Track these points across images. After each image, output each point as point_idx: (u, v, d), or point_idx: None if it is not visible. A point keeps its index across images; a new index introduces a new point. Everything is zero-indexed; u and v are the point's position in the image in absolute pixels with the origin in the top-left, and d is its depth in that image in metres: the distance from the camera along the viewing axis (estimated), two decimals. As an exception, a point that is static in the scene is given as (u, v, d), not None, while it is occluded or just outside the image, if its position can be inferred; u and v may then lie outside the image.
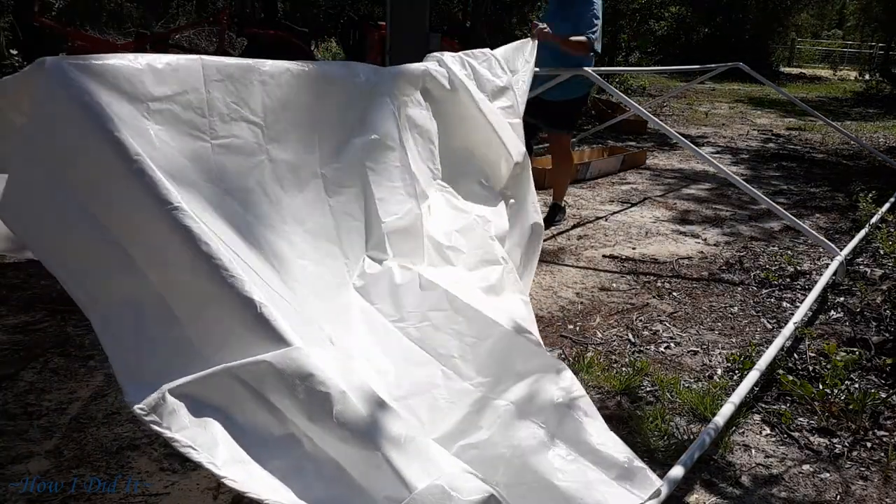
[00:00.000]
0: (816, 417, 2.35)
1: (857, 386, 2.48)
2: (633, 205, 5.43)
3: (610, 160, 6.65)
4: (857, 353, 2.63)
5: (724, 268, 3.95)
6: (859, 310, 3.24)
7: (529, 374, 1.90)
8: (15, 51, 9.83)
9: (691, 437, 2.21)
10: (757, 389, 2.49)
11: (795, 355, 2.80)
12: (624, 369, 2.65)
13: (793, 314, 3.04)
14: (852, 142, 7.85)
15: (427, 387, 1.89)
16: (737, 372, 2.65)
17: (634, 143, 8.22)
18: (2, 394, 2.32)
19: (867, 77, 18.86)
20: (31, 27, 8.80)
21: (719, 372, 2.70)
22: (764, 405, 2.44)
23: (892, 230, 4.07)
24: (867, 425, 2.29)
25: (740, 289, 3.61)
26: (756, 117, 11.30)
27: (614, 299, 3.41)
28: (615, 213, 5.16)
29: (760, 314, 3.29)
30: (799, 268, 3.87)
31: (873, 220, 4.49)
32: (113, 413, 2.24)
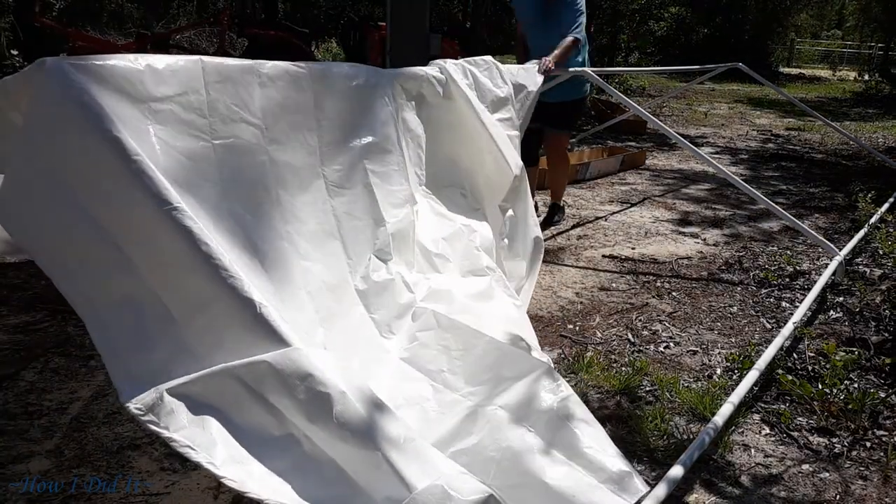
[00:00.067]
0: (816, 417, 2.35)
1: (856, 386, 2.48)
2: (633, 205, 5.43)
3: (609, 160, 6.65)
4: (857, 352, 2.63)
5: (723, 268, 3.95)
6: (858, 310, 3.25)
7: (517, 379, 1.93)
8: (15, 51, 9.84)
9: (691, 436, 2.22)
10: (756, 389, 2.49)
11: (795, 355, 2.81)
12: (623, 369, 2.66)
13: (792, 314, 3.04)
14: (851, 142, 7.85)
15: (417, 399, 1.92)
16: (736, 372, 2.66)
17: (634, 144, 8.22)
18: (2, 394, 2.33)
19: (866, 77, 18.87)
20: (31, 27, 8.81)
21: (718, 372, 2.71)
22: (763, 405, 2.44)
23: (891, 230, 4.07)
24: (866, 425, 2.29)
25: (739, 289, 3.62)
26: (755, 117, 11.31)
27: (614, 299, 3.42)
28: (615, 213, 5.16)
29: (760, 314, 3.29)
30: (798, 268, 3.87)
31: (872, 220, 4.50)
32: (113, 413, 2.24)
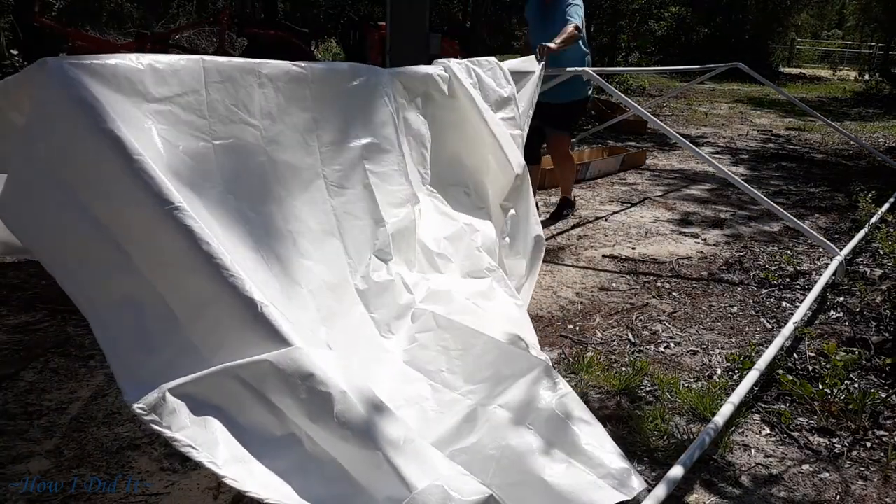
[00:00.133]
0: (816, 417, 2.35)
1: (856, 386, 2.48)
2: (633, 205, 5.43)
3: (610, 160, 6.65)
4: (857, 352, 2.63)
5: (723, 268, 3.95)
6: (859, 310, 3.25)
7: (516, 378, 1.94)
8: (15, 51, 9.85)
9: (691, 436, 2.21)
10: (756, 389, 2.49)
11: (795, 355, 2.81)
12: (624, 369, 2.65)
13: (792, 314, 3.04)
14: (852, 142, 7.85)
15: (417, 399, 1.93)
16: (736, 372, 2.66)
17: (634, 144, 8.22)
18: (2, 394, 2.33)
19: (867, 77, 18.86)
20: (31, 27, 8.81)
21: (719, 372, 2.71)
22: (763, 405, 2.44)
23: (891, 230, 4.07)
24: (867, 425, 2.29)
25: (740, 289, 3.61)
26: (756, 117, 11.31)
27: (614, 299, 3.42)
28: (615, 213, 5.16)
29: (760, 314, 3.29)
30: (798, 268, 3.87)
31: (873, 220, 4.49)
32: (113, 413, 2.24)
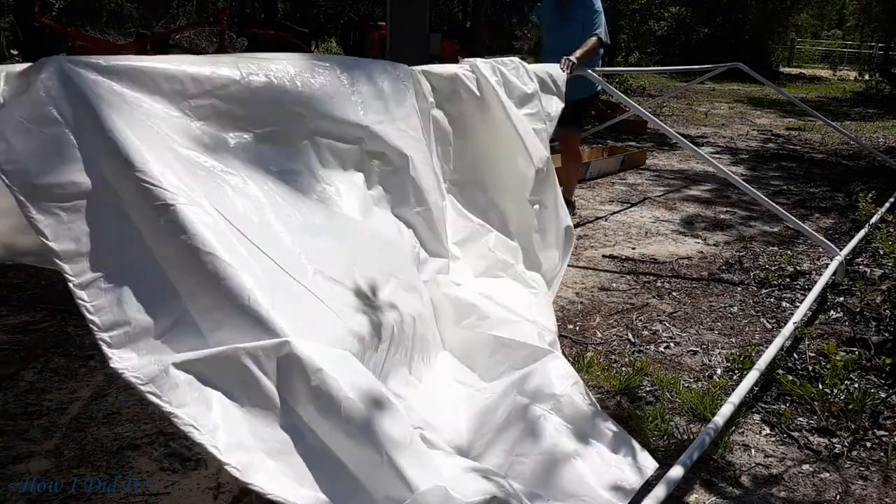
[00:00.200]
0: (816, 417, 2.35)
1: (856, 386, 2.48)
2: (633, 205, 5.43)
3: (610, 160, 6.65)
4: (857, 352, 2.63)
5: (723, 268, 3.95)
6: (859, 310, 3.25)
7: (528, 366, 2.14)
8: (15, 51, 9.84)
9: (691, 436, 2.22)
10: (756, 389, 2.49)
11: (795, 355, 2.81)
12: (624, 369, 2.66)
13: (792, 314, 3.04)
14: (852, 142, 7.85)
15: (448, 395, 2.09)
16: (736, 372, 2.65)
17: (634, 144, 8.22)
18: (2, 394, 2.33)
19: (867, 77, 18.84)
20: (31, 27, 8.81)
21: (719, 372, 2.71)
22: (764, 405, 2.44)
23: (891, 230, 4.07)
24: (867, 425, 2.29)
25: (740, 289, 3.61)
26: (756, 117, 11.31)
27: (614, 299, 3.42)
28: (615, 213, 5.16)
29: (760, 314, 3.29)
30: (798, 268, 3.87)
31: (873, 220, 4.49)
32: (113, 413, 2.24)
